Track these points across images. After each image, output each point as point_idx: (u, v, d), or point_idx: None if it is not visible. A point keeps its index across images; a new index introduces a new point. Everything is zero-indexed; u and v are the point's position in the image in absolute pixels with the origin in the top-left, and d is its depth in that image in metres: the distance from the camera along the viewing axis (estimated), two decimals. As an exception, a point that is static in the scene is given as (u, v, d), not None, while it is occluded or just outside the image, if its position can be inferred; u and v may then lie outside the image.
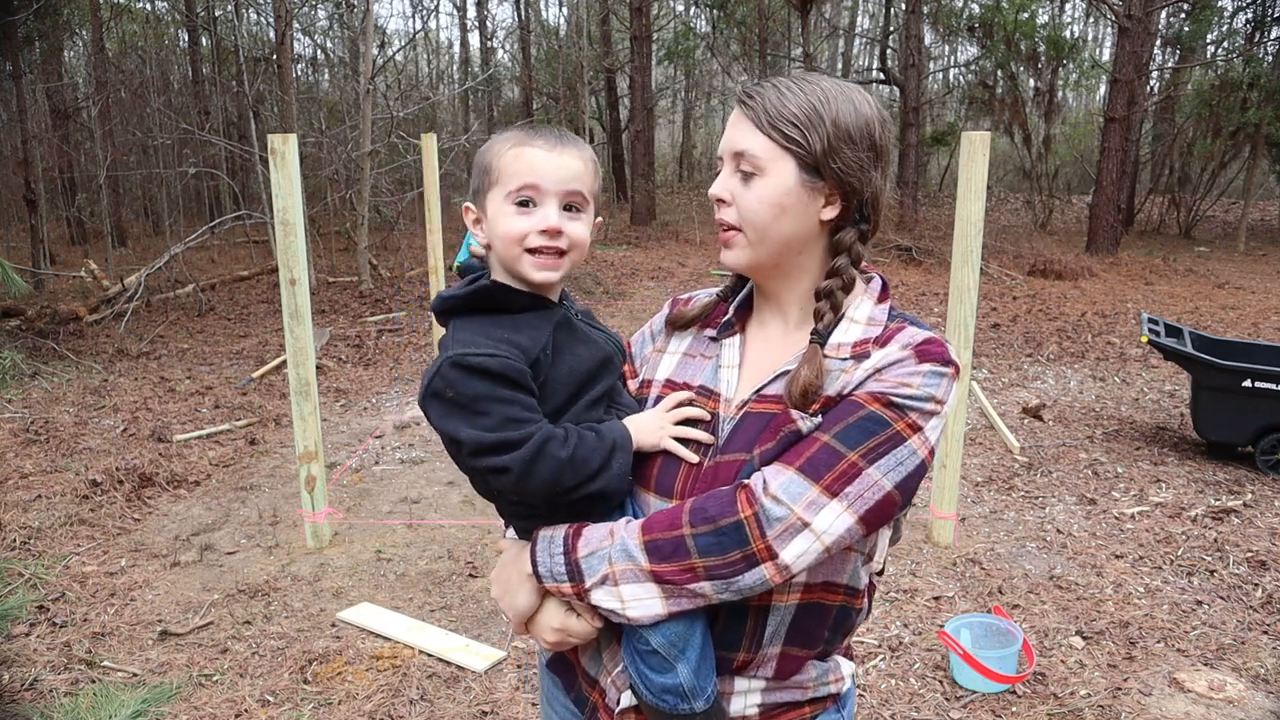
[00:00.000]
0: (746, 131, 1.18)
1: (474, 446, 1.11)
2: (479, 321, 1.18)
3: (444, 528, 4.49)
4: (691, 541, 1.09)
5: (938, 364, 1.14)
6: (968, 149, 3.92)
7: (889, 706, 3.03)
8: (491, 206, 1.20)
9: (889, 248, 13.57)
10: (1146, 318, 5.72)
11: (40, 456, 5.32)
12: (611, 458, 1.16)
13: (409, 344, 8.45)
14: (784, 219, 1.18)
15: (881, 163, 1.20)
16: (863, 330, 1.20)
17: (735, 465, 1.17)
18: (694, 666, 1.14)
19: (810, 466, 1.09)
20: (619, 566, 1.12)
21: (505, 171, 1.18)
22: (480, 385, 1.11)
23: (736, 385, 1.25)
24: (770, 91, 1.18)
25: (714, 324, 1.34)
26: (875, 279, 1.28)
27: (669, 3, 23.32)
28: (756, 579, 1.08)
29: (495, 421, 1.11)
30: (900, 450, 1.10)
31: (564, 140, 1.20)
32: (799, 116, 1.15)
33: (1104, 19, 22.12)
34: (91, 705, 2.90)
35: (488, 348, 1.13)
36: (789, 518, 1.07)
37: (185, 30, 18.22)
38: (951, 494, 4.19)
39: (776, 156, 1.16)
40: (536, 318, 1.20)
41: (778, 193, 1.17)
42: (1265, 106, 15.43)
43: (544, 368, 1.17)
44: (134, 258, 13.46)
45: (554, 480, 1.12)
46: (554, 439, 1.12)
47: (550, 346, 1.18)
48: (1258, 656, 3.32)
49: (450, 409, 1.13)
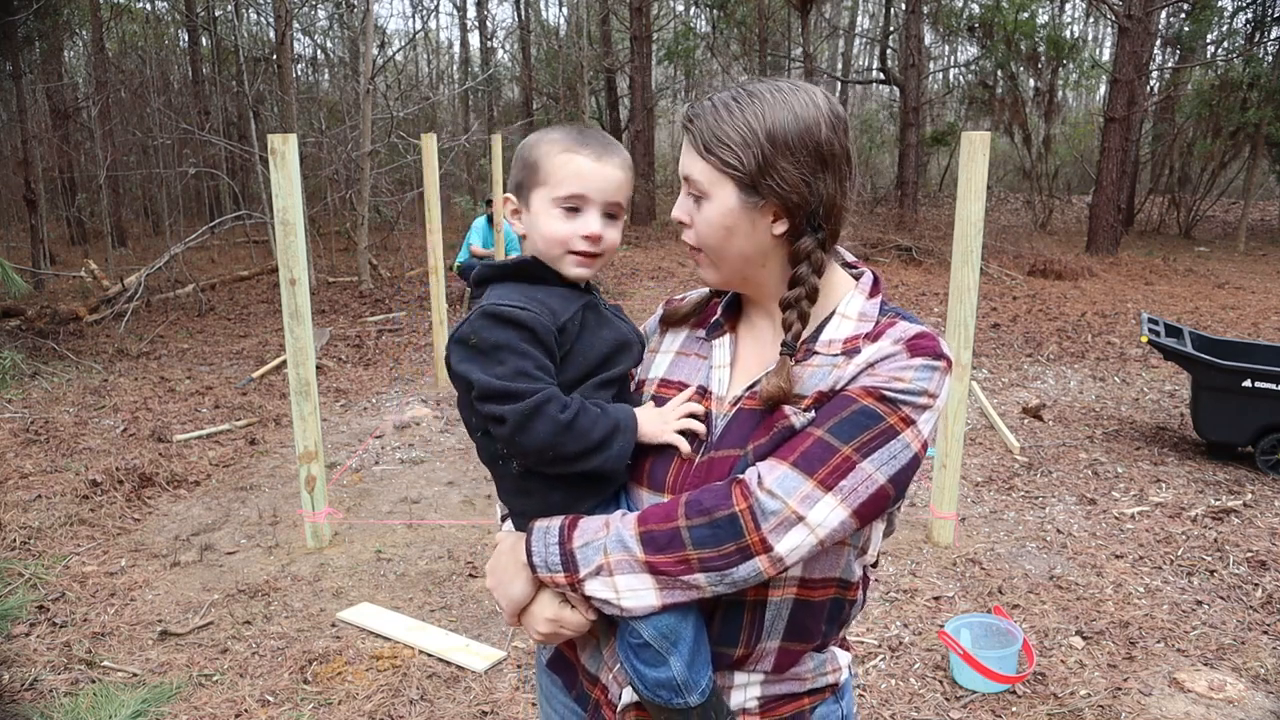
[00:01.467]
0: (690, 156, 1.19)
1: (481, 389, 1.15)
2: (516, 285, 1.23)
3: (444, 528, 4.49)
4: (687, 533, 1.10)
5: (930, 358, 1.14)
6: (968, 149, 3.92)
7: (889, 706, 3.03)
8: (536, 204, 1.25)
9: (889, 248, 13.58)
10: (1146, 318, 5.72)
11: (40, 456, 5.32)
12: (614, 436, 1.18)
13: (409, 344, 8.45)
14: (734, 239, 1.19)
15: (831, 167, 1.17)
16: (854, 326, 1.21)
17: (729, 460, 1.17)
18: (686, 660, 1.15)
19: (804, 461, 1.10)
20: (614, 557, 1.13)
21: (554, 176, 1.22)
22: (504, 334, 1.16)
23: (729, 384, 1.26)
24: (709, 113, 1.17)
25: (705, 323, 1.35)
26: (867, 274, 1.27)
27: (669, 3, 23.32)
28: (750, 571, 1.09)
29: (508, 371, 1.14)
30: (893, 444, 1.11)
31: (608, 149, 1.25)
32: (733, 137, 1.14)
33: (1104, 19, 22.12)
34: (91, 705, 2.90)
35: (521, 301, 1.18)
36: (784, 511, 1.08)
37: (185, 30, 18.24)
38: (951, 494, 4.19)
39: (716, 180, 1.17)
40: (570, 292, 1.25)
41: (722, 215, 1.17)
42: (1265, 106, 15.44)
43: (570, 337, 1.21)
44: (134, 258, 13.47)
45: (549, 442, 1.14)
46: (555, 400, 1.14)
47: (580, 320, 1.23)
48: (1258, 656, 3.32)
49: (471, 353, 1.17)
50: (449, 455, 5.53)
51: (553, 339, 1.18)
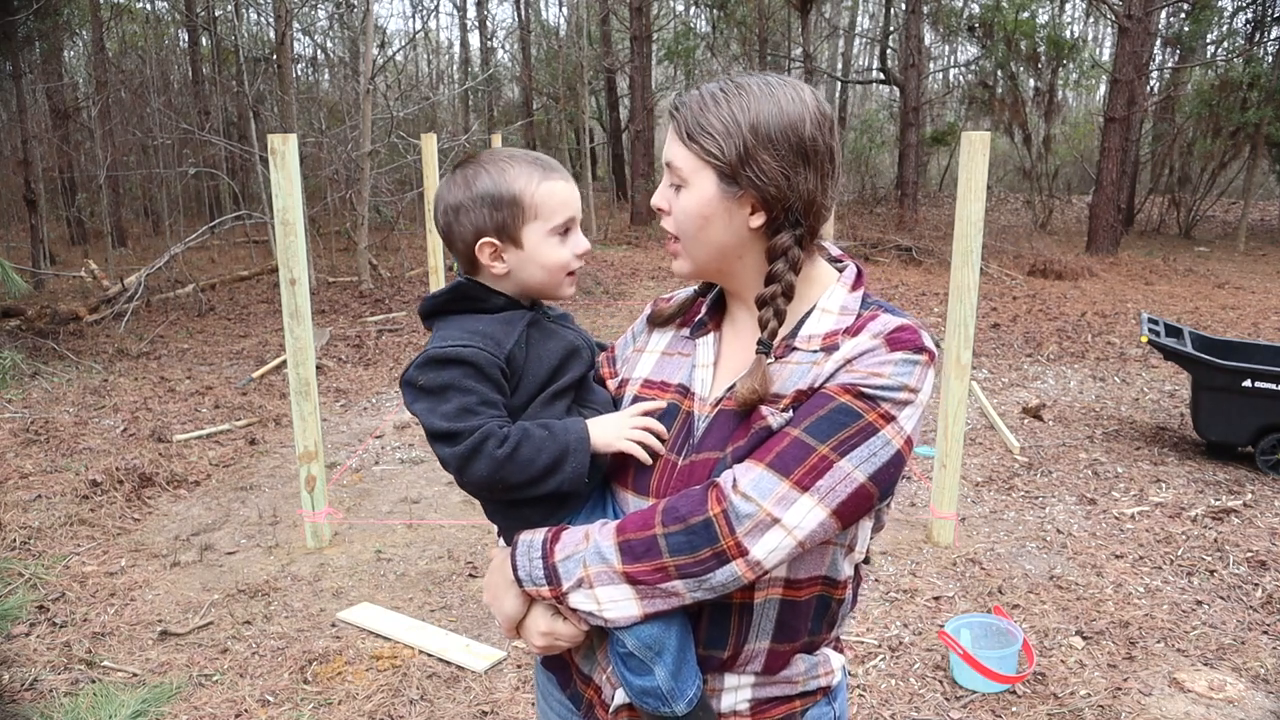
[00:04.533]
0: (673, 143, 1.19)
1: (429, 431, 1.18)
2: (458, 319, 1.26)
3: (444, 528, 4.49)
4: (663, 541, 1.09)
5: (910, 351, 1.13)
6: (968, 149, 3.92)
7: (889, 706, 3.03)
8: (531, 239, 1.26)
9: (889, 248, 13.58)
10: (1146, 318, 5.72)
11: (40, 456, 5.32)
12: (564, 459, 1.17)
13: (409, 344, 8.45)
14: (710, 229, 1.18)
15: (813, 164, 1.16)
16: (835, 320, 1.19)
17: (709, 463, 1.17)
18: (671, 669, 1.15)
19: (780, 462, 1.09)
20: (593, 569, 1.12)
21: (544, 207, 1.25)
22: (448, 374, 1.18)
23: (711, 384, 1.26)
24: (695, 102, 1.17)
25: (690, 322, 1.34)
26: (850, 266, 1.26)
27: (669, 3, 23.32)
28: (728, 576, 1.09)
29: (452, 409, 1.16)
30: (873, 441, 1.09)
31: (561, 168, 1.29)
32: (716, 126, 1.14)
33: (1104, 19, 22.13)
34: (91, 705, 2.90)
35: (463, 339, 1.20)
36: (758, 514, 1.07)
37: (185, 30, 18.22)
38: (951, 494, 4.19)
39: (697, 168, 1.16)
40: (511, 316, 1.27)
41: (700, 203, 1.17)
42: (1265, 106, 15.43)
43: (518, 362, 1.23)
44: (134, 258, 13.46)
45: (491, 478, 1.16)
46: (492, 438, 1.15)
47: (525, 340, 1.25)
48: (1258, 656, 3.32)
49: (419, 395, 1.20)
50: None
51: (498, 371, 1.19)
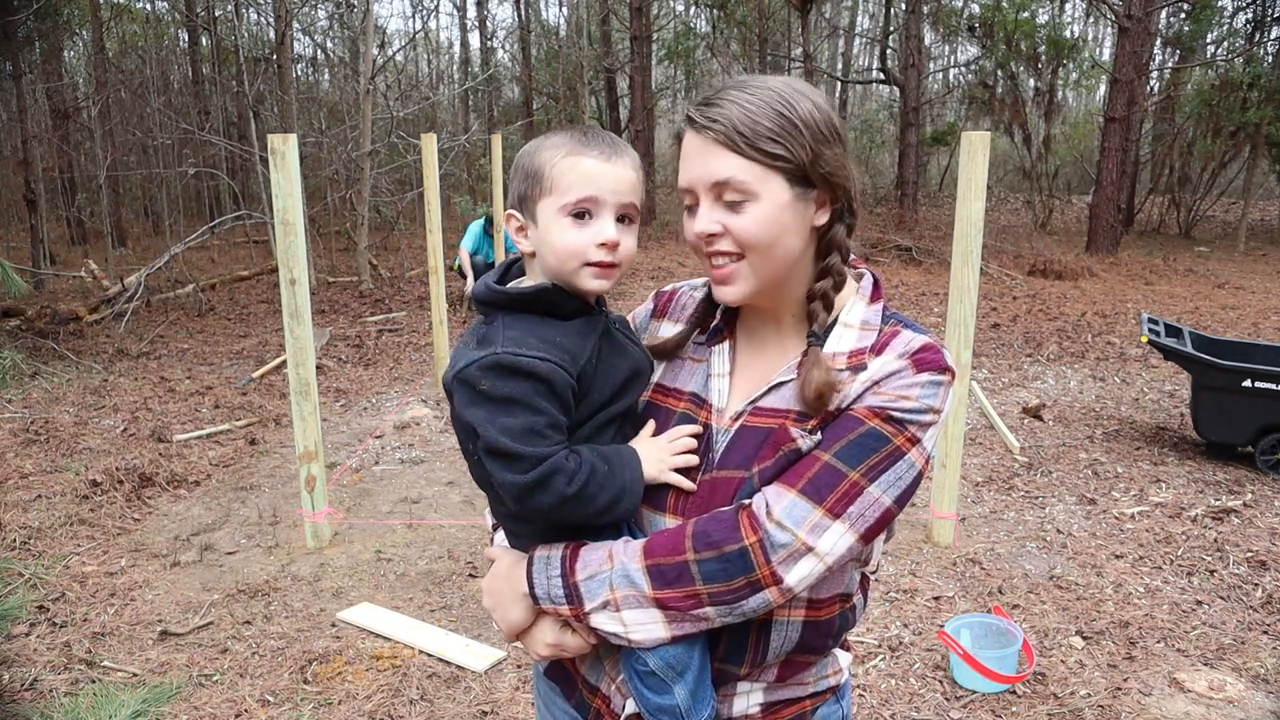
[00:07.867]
0: (723, 158, 1.10)
1: (488, 446, 1.07)
2: (529, 320, 1.13)
3: (444, 528, 4.49)
4: (695, 568, 1.08)
5: (935, 372, 1.13)
6: (968, 149, 3.92)
7: (889, 706, 3.02)
8: (544, 217, 1.14)
9: (889, 248, 13.57)
10: (1146, 318, 5.72)
11: (40, 456, 5.32)
12: (622, 498, 1.12)
13: (409, 344, 8.45)
14: (785, 237, 1.13)
15: (849, 151, 1.18)
16: (857, 337, 1.18)
17: (733, 482, 1.15)
18: (691, 689, 1.14)
19: (812, 488, 1.08)
20: (620, 592, 1.10)
21: (560, 182, 1.13)
22: (518, 386, 1.07)
23: (728, 395, 1.23)
24: (731, 108, 1.10)
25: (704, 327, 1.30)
26: (866, 276, 1.25)
27: (669, 3, 23.32)
28: (760, 603, 1.08)
29: (519, 427, 1.06)
30: (900, 465, 1.09)
31: (617, 149, 1.15)
32: (775, 130, 1.09)
33: (1104, 19, 22.12)
34: (91, 705, 2.90)
35: (539, 350, 1.08)
36: (793, 544, 1.06)
37: (185, 30, 18.22)
38: (951, 494, 4.19)
39: (763, 177, 1.10)
40: (585, 324, 1.16)
41: (776, 211, 1.11)
42: (1265, 106, 15.43)
43: (588, 378, 1.13)
44: (134, 258, 13.46)
45: (553, 509, 1.09)
46: (560, 474, 1.07)
47: (596, 355, 1.15)
48: (1258, 656, 3.32)
49: (479, 399, 1.08)
50: (449, 455, 5.53)
51: (570, 391, 1.10)
